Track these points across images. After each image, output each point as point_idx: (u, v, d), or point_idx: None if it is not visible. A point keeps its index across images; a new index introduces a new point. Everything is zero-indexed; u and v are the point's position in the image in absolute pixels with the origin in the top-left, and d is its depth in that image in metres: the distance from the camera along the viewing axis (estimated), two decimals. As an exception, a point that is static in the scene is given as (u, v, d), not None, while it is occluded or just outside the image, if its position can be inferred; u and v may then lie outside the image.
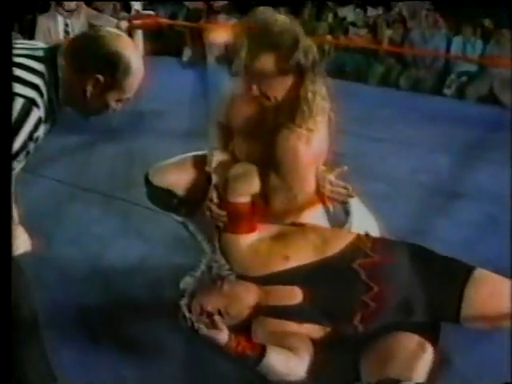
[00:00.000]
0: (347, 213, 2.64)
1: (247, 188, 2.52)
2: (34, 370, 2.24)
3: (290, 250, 2.46)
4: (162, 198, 2.77)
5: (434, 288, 2.42)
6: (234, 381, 2.55)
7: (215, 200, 2.55)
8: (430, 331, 2.42)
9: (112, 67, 2.04)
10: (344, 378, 2.41)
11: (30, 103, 1.96)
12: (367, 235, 2.56)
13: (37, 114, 1.98)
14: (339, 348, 2.44)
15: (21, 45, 2.10)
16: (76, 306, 2.87)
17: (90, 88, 2.05)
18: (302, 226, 2.55)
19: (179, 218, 2.86)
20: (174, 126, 4.98)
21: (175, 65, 7.52)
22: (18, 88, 1.96)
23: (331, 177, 2.53)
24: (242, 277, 2.47)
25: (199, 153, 2.78)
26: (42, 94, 2.01)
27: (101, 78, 2.04)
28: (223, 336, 2.29)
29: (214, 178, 2.60)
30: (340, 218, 2.59)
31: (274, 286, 2.45)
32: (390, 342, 2.37)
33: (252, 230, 2.53)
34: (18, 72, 1.99)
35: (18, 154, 1.97)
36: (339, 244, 2.49)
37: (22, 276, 2.15)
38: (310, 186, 2.53)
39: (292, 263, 2.44)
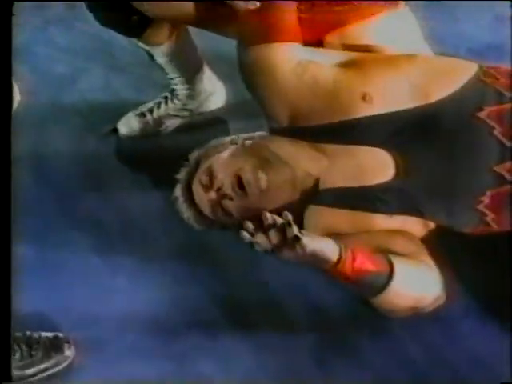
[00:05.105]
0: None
1: None
2: None
3: (370, 85, 1.62)
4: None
5: None
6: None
7: None
8: None
9: None
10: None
11: None
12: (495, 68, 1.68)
13: None
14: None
15: None
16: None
17: None
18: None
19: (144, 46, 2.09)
20: None
21: None
22: None
23: None
24: (279, 129, 1.68)
25: None
26: None
27: None
28: (331, 245, 1.43)
29: None
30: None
31: (346, 147, 1.62)
32: None
33: (297, 37, 1.70)
34: None
35: None
36: (452, 81, 1.62)
37: None
38: None
39: (376, 108, 1.60)
